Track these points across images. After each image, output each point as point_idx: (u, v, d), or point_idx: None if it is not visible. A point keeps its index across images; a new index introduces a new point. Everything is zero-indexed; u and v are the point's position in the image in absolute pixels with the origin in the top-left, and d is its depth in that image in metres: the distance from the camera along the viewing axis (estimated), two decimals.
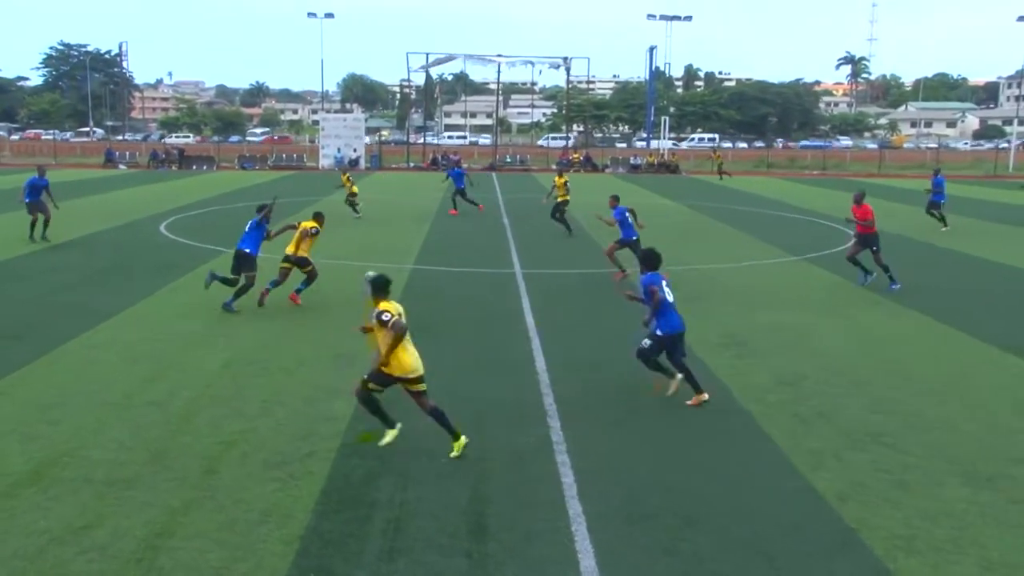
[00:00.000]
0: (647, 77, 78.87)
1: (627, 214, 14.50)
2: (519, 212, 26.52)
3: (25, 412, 7.61)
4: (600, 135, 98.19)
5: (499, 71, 60.80)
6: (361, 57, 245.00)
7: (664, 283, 8.21)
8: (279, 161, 54.76)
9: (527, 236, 20.70)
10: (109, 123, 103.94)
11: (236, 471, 6.48)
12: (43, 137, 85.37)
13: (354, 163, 52.03)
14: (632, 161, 55.04)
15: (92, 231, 20.11)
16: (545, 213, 22.49)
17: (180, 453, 6.81)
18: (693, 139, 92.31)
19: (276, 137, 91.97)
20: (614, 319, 11.46)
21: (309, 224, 12.19)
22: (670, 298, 8.16)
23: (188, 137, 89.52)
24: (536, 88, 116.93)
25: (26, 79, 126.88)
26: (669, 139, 73.39)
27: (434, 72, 70.82)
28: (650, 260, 8.39)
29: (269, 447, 6.98)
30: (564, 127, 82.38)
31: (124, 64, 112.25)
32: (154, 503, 5.92)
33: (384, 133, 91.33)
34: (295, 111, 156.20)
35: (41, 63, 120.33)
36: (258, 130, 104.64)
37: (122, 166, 53.07)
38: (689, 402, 8.07)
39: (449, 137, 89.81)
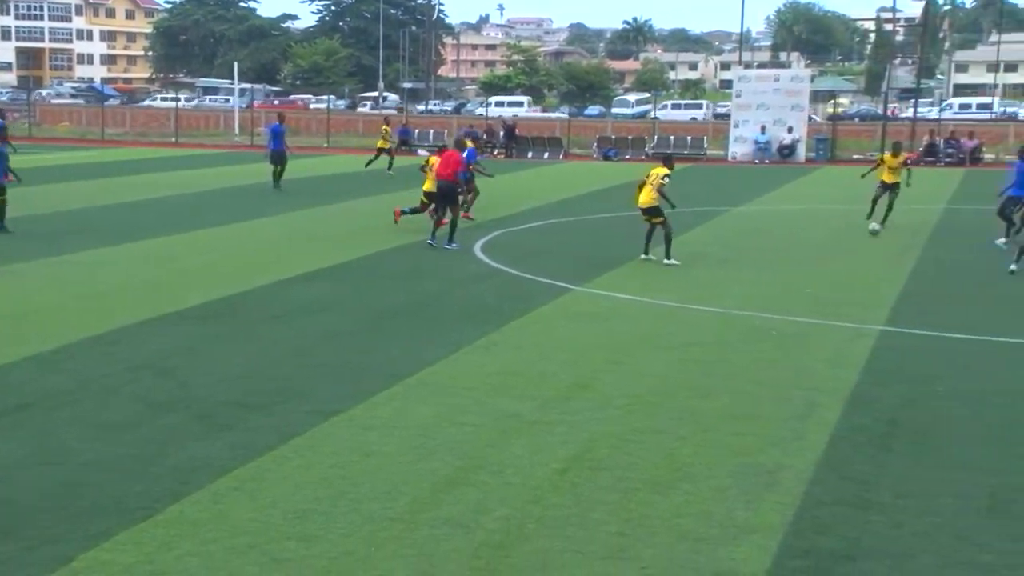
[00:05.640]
0: None
1: None
2: None
3: (269, 519, 8.42)
4: None
5: None
6: None
7: None
8: (664, 147, 56.40)
9: None
10: (408, 85, 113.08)
11: None
12: (312, 106, 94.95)
13: (789, 151, 52.02)
14: None
15: (374, 250, 22.24)
16: None
17: None
18: None
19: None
20: None
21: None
22: None
23: (520, 106, 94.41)
24: None
25: (294, 18, 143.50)
26: None
27: None
28: None
29: None
30: None
31: None
32: None
33: (843, 102, 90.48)
34: (693, 66, 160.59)
35: None
36: (631, 96, 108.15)
37: (423, 152, 58.51)
38: None
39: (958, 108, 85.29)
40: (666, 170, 20.53)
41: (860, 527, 8.35)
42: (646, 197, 20.49)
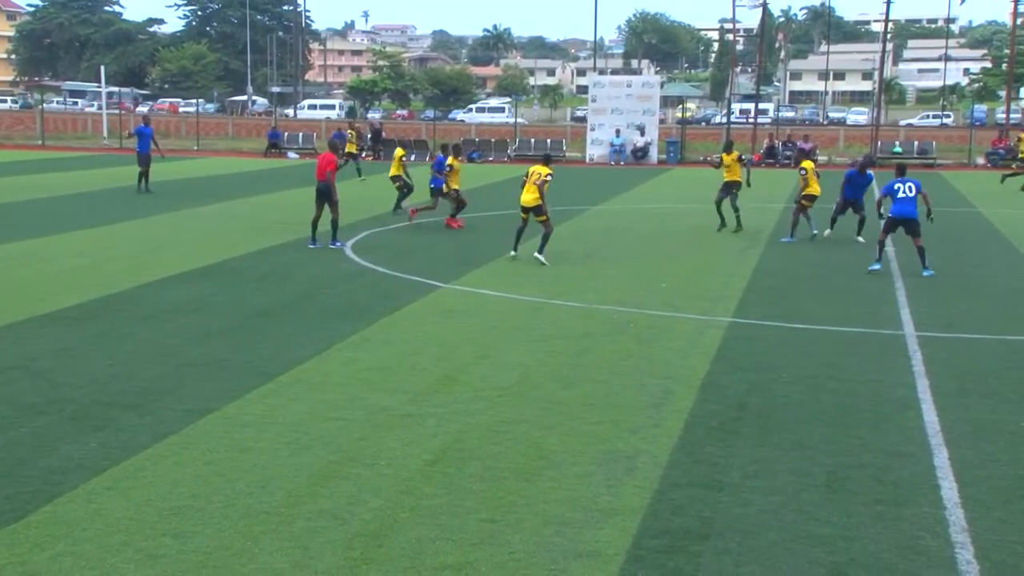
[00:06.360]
0: None
1: None
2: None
3: (144, 516, 8.37)
4: None
5: None
6: None
7: None
8: (525, 149, 57.38)
9: (927, 275, 20.00)
10: (276, 89, 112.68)
11: None
12: (182, 109, 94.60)
13: (643, 153, 53.11)
14: None
15: (246, 251, 22.14)
16: (970, 235, 21.33)
17: None
18: None
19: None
20: None
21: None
22: None
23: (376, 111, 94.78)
24: (955, 27, 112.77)
25: (161, 22, 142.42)
26: None
27: (776, 6, 71.71)
28: None
29: None
30: (1007, 91, 78.28)
31: (300, 1, 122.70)
32: None
33: (690, 107, 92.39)
34: (551, 72, 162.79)
35: (183, 1, 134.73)
36: (492, 100, 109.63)
37: (292, 155, 58.14)
38: None
39: (787, 110, 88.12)
40: (549, 169, 20.76)
41: (712, 507, 8.64)
42: (529, 196, 20.67)
